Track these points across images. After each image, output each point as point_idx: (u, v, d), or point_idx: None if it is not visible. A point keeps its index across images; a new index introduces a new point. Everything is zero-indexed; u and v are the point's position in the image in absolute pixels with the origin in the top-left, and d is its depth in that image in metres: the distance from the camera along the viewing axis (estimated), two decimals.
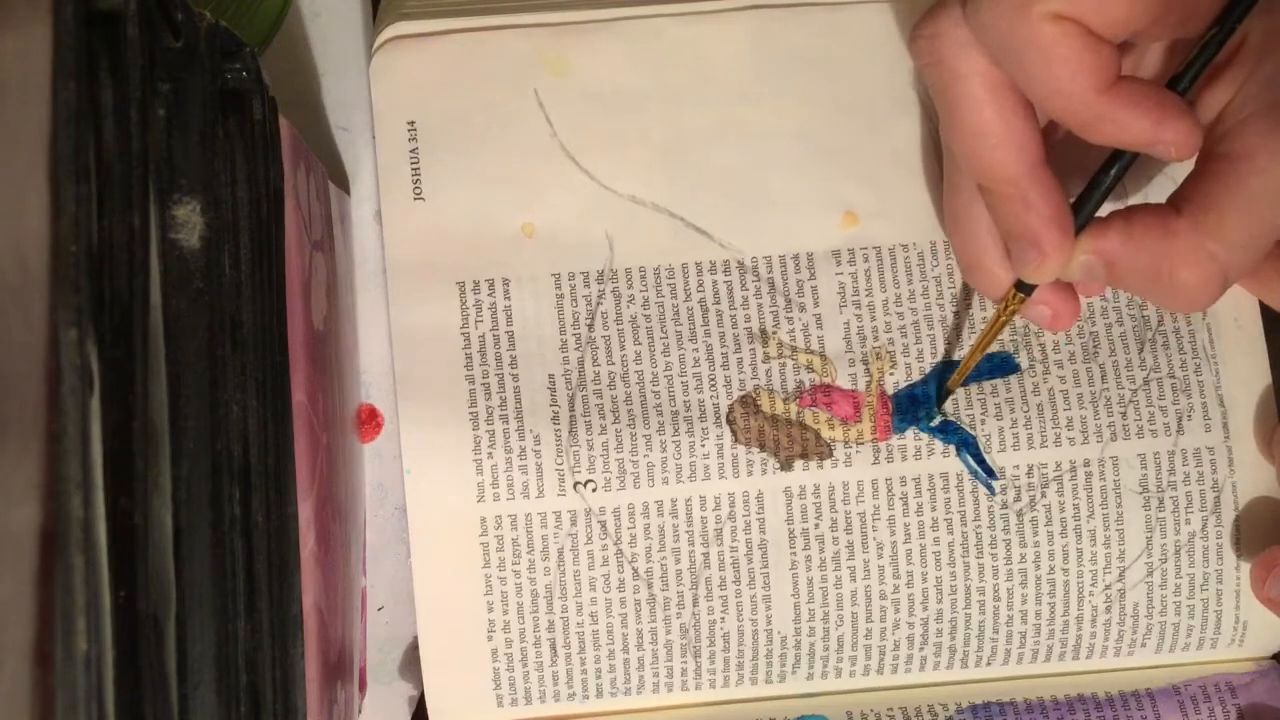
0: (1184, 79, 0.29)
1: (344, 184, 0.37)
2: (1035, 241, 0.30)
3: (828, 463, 0.35)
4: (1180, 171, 0.31)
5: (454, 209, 0.36)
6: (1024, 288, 0.32)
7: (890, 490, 0.35)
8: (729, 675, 0.36)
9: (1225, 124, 0.30)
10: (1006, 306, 0.33)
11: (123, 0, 0.22)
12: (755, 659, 0.35)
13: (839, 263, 0.36)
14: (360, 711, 0.36)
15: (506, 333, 0.35)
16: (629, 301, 0.36)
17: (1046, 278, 0.31)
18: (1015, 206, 0.30)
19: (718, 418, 0.35)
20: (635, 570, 0.35)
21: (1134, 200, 0.36)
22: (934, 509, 0.35)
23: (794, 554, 0.35)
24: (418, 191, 0.36)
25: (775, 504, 0.35)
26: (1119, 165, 0.30)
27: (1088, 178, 0.31)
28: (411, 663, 0.37)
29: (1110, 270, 0.31)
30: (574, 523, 0.35)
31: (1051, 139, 0.32)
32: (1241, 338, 0.36)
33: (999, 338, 0.35)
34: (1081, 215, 0.30)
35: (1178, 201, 0.30)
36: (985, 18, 0.28)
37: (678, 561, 0.35)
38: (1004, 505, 0.35)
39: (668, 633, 0.35)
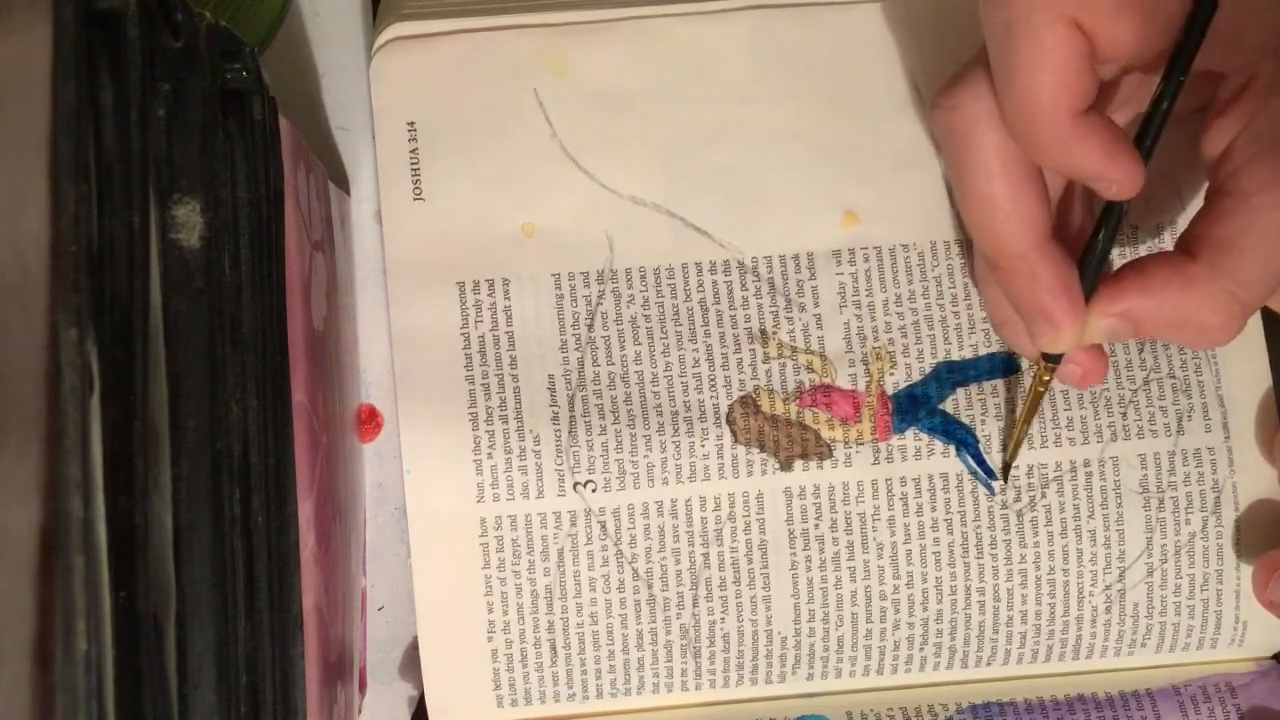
0: (1147, 134, 0.29)
1: (344, 184, 0.37)
2: (1046, 315, 0.31)
3: (828, 463, 0.35)
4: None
5: (454, 209, 0.36)
6: (1050, 356, 0.32)
7: (890, 490, 0.35)
8: (729, 675, 0.36)
9: (1233, 161, 0.30)
10: (1040, 376, 0.33)
11: (123, 0, 0.22)
12: (755, 659, 0.35)
13: (839, 263, 0.36)
14: (360, 711, 0.36)
15: (506, 333, 0.35)
16: (629, 301, 0.36)
17: (1064, 348, 0.31)
18: (1023, 281, 0.31)
19: (718, 418, 0.35)
20: (635, 571, 0.35)
21: (1147, 232, 0.36)
22: (934, 509, 0.35)
23: (794, 554, 0.35)
24: (418, 191, 0.36)
25: (775, 504, 0.35)
26: (1108, 226, 0.31)
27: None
28: (411, 663, 0.37)
29: (1134, 326, 0.31)
30: (574, 523, 0.35)
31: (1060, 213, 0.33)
32: (1241, 338, 0.36)
33: (1002, 344, 0.35)
34: (1085, 280, 0.31)
35: (1190, 244, 0.30)
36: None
37: (678, 562, 0.35)
38: (1004, 505, 0.35)
39: (668, 633, 0.35)
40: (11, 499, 0.19)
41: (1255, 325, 0.36)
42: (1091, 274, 0.31)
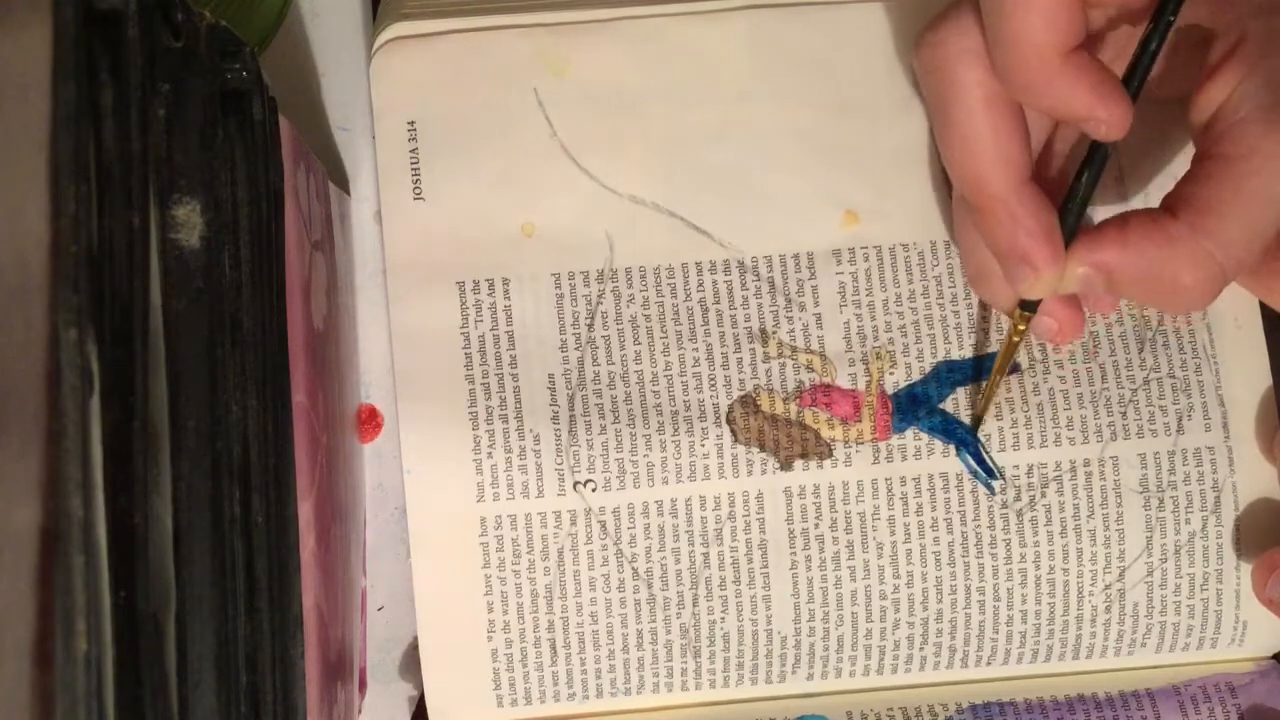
0: (1134, 77, 0.29)
1: (344, 184, 0.37)
2: (1026, 258, 0.30)
3: (828, 463, 0.35)
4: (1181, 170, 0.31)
5: (454, 209, 0.36)
6: (1028, 305, 0.32)
7: (890, 490, 0.35)
8: (729, 675, 0.36)
9: (1221, 123, 0.30)
10: (1015, 325, 0.33)
11: (123, 0, 0.22)
12: (755, 659, 0.35)
13: (839, 262, 0.36)
14: (360, 711, 0.36)
15: (506, 332, 0.35)
16: (629, 301, 0.36)
17: (1042, 293, 0.31)
18: (1003, 223, 0.30)
19: (718, 417, 0.35)
20: (635, 570, 0.35)
21: (1136, 202, 0.36)
22: (934, 509, 0.35)
23: (794, 554, 0.35)
24: (418, 191, 0.36)
25: (775, 504, 0.35)
26: (1091, 170, 0.30)
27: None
28: (411, 663, 0.37)
29: (1108, 278, 0.31)
30: (574, 522, 0.35)
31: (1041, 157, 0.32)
32: (1241, 338, 0.36)
33: (1004, 341, 0.35)
34: (1066, 225, 0.31)
35: (1173, 204, 0.30)
36: None
37: (678, 561, 0.35)
38: (1004, 505, 0.35)
39: (668, 633, 0.35)
40: (11, 499, 0.19)
41: (1255, 325, 0.36)
42: (1073, 218, 0.31)
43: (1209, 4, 0.29)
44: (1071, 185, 0.31)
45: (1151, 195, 0.36)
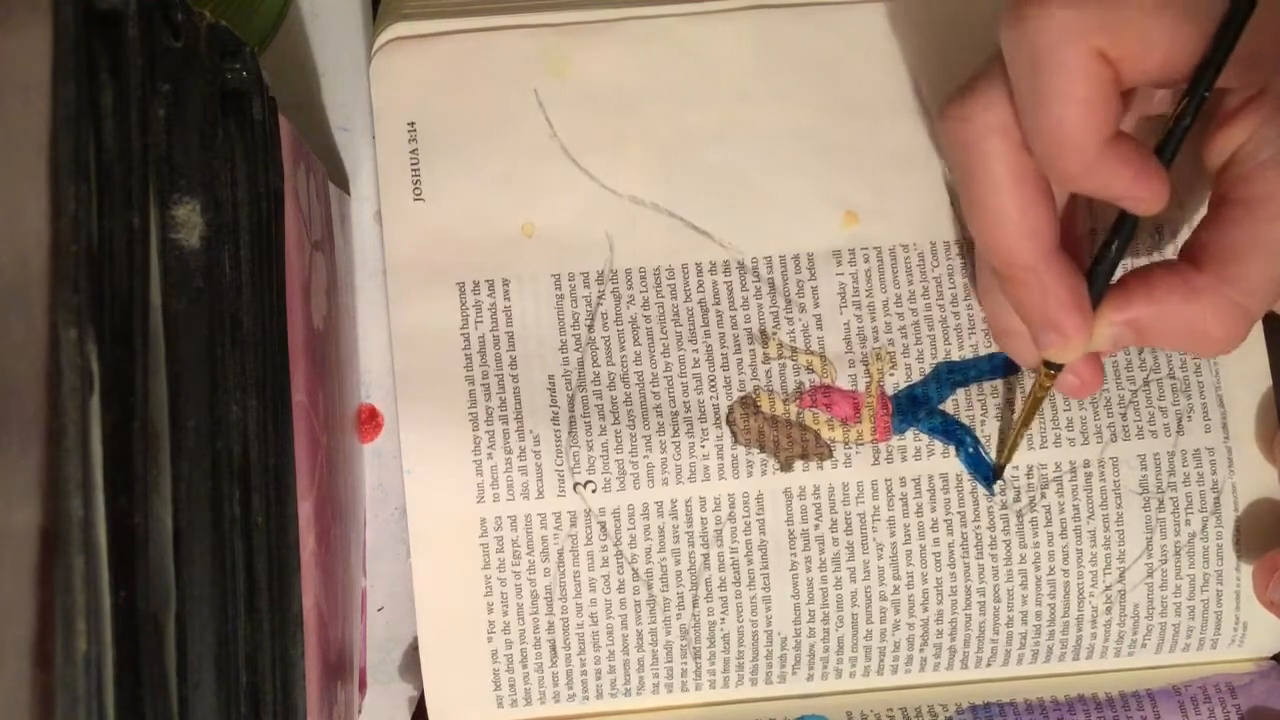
0: (1166, 150, 0.29)
1: (344, 184, 0.37)
2: (1055, 327, 0.30)
3: (828, 463, 0.35)
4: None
5: (454, 209, 0.36)
6: (1052, 365, 0.32)
7: (890, 491, 0.35)
8: (729, 676, 0.36)
9: (1239, 169, 0.29)
10: (1040, 383, 0.33)
11: (123, 0, 0.22)
12: (755, 660, 0.35)
13: (839, 263, 0.36)
14: (360, 711, 0.36)
15: (506, 333, 0.35)
16: (629, 302, 0.36)
17: (1071, 358, 0.31)
18: (1032, 293, 0.30)
19: (718, 418, 0.35)
20: (635, 571, 0.35)
21: (1168, 250, 0.36)
22: (934, 510, 0.35)
23: (794, 555, 0.35)
24: (418, 192, 0.36)
25: (775, 505, 0.35)
26: (1121, 236, 0.30)
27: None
28: (411, 663, 0.37)
29: (1138, 334, 0.31)
30: (574, 524, 0.35)
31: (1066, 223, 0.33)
32: None
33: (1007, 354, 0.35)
34: (1094, 289, 0.31)
35: (1194, 252, 0.30)
36: (1029, 29, 0.28)
37: (678, 562, 0.35)
38: (1004, 506, 0.35)
39: (668, 633, 0.35)
40: (11, 499, 0.19)
41: (1255, 326, 0.36)
42: (1101, 283, 0.31)
43: (1235, 67, 0.29)
44: (1100, 251, 0.31)
45: (1164, 236, 0.36)
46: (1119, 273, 0.31)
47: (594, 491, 0.35)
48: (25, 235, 0.20)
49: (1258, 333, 0.36)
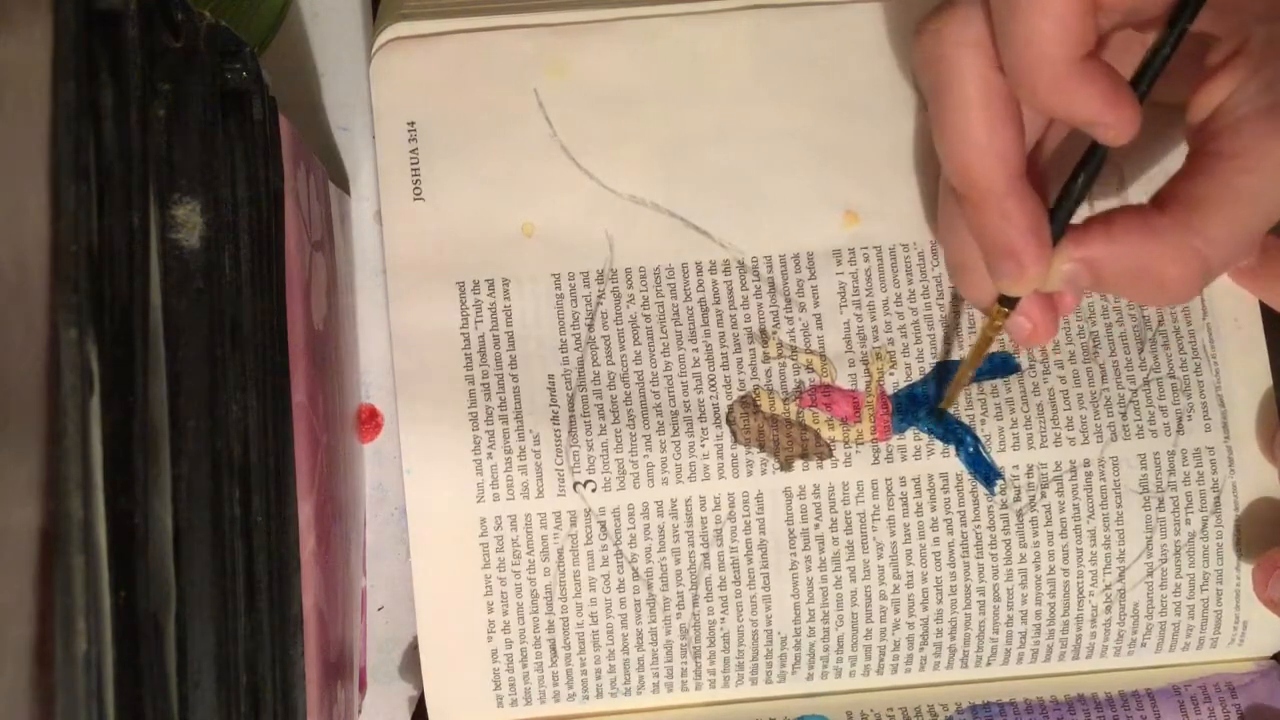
0: (1143, 81, 0.29)
1: (344, 184, 0.37)
2: (1012, 254, 0.30)
3: (827, 463, 0.35)
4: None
5: (454, 209, 0.36)
6: (1007, 301, 0.32)
7: (890, 490, 0.35)
8: (729, 675, 0.36)
9: (1217, 123, 0.29)
10: (992, 321, 0.33)
11: (123, 0, 0.22)
12: (755, 659, 0.35)
13: (839, 262, 0.36)
14: (360, 711, 0.36)
15: (506, 333, 0.35)
16: (629, 301, 0.36)
17: (1026, 289, 0.31)
18: (992, 218, 0.30)
19: (717, 418, 0.35)
20: (635, 570, 0.35)
21: (1134, 198, 0.36)
22: (934, 509, 0.35)
23: (794, 554, 0.35)
24: (418, 191, 0.36)
25: (775, 504, 0.35)
26: (1088, 171, 0.30)
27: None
28: (411, 663, 0.37)
29: (1094, 274, 0.31)
30: (574, 523, 0.35)
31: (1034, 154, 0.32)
32: (1241, 338, 0.36)
33: (1002, 344, 0.35)
34: (1056, 223, 0.30)
35: (1161, 200, 0.30)
36: None
37: (678, 562, 0.35)
38: (1004, 505, 0.35)
39: (668, 633, 0.35)
40: (11, 499, 0.19)
41: (1255, 325, 0.36)
42: (1063, 218, 0.30)
43: (1214, 10, 0.29)
44: (1066, 185, 0.31)
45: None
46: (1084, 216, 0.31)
47: (594, 491, 0.35)
48: (25, 235, 0.20)
49: (1258, 333, 0.36)
